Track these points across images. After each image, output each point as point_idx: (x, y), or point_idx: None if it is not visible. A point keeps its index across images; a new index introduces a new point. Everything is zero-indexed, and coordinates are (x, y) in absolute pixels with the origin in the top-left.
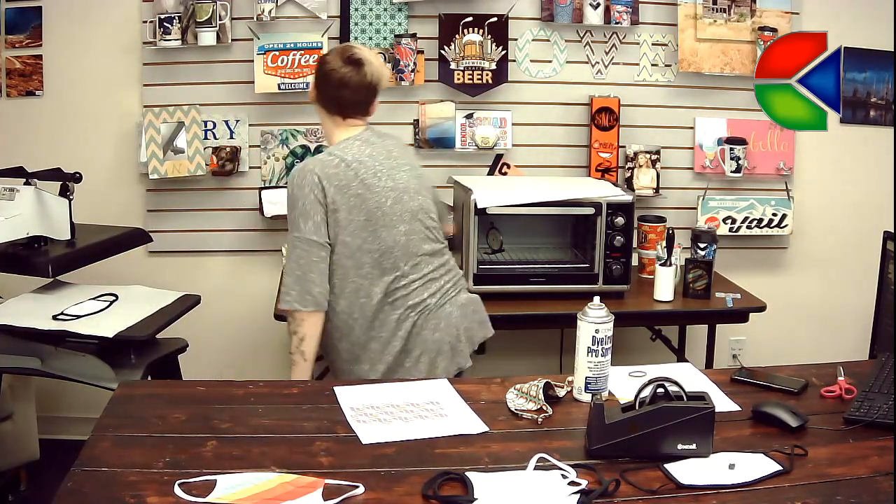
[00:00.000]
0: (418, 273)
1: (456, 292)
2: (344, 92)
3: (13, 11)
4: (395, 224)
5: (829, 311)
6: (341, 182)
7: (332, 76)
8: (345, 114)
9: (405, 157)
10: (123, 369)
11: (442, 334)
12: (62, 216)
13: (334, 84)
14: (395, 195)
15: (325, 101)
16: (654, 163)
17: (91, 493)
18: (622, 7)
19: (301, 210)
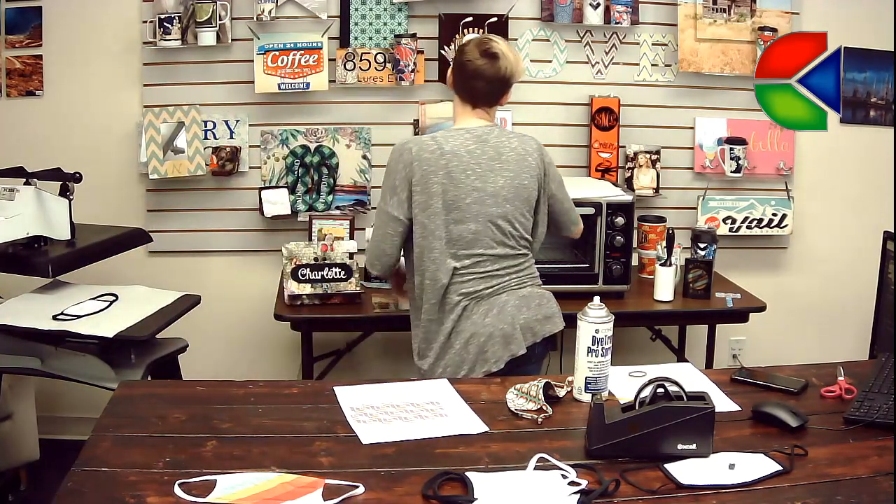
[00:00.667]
0: (479, 268)
1: (519, 286)
2: (478, 83)
3: (13, 11)
4: (466, 221)
5: (829, 311)
6: (430, 168)
7: (468, 66)
8: (475, 103)
9: (514, 164)
10: (123, 369)
11: (493, 320)
12: (62, 216)
13: (469, 74)
14: (477, 195)
15: (459, 88)
16: (654, 163)
17: (91, 493)
18: (622, 7)
19: (391, 184)
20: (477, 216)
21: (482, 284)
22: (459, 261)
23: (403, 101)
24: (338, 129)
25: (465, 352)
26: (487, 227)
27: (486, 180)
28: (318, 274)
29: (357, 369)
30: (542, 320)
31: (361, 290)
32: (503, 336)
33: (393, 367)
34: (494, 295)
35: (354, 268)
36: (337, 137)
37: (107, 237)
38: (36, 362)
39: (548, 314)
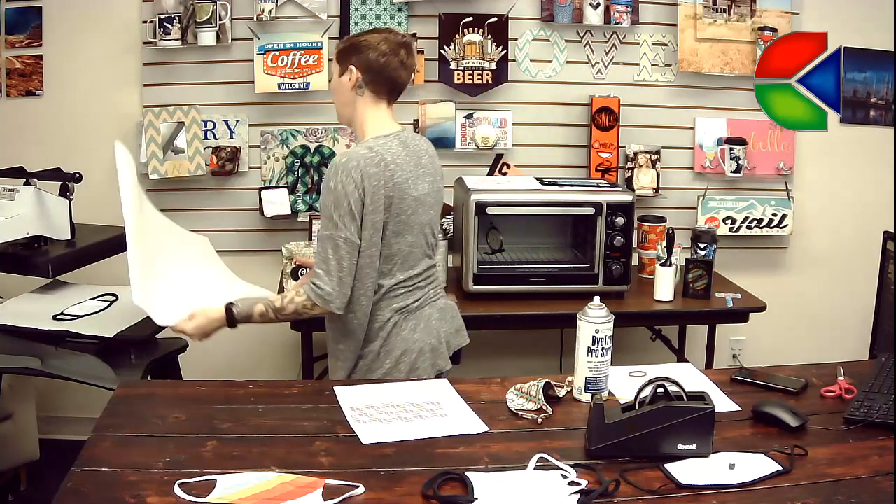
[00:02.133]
0: (410, 282)
1: (436, 297)
2: (403, 74)
3: (13, 11)
4: (404, 233)
5: (829, 311)
6: (378, 182)
7: (390, 60)
8: (391, 101)
9: (431, 167)
10: (123, 369)
11: (422, 335)
12: (62, 216)
13: (392, 68)
14: (414, 206)
15: (376, 83)
16: (654, 163)
17: (91, 493)
18: (622, 7)
19: (347, 210)
20: (413, 227)
21: (411, 298)
22: (394, 276)
23: (403, 101)
24: (338, 129)
25: (395, 370)
26: (420, 238)
27: (417, 188)
28: None
29: None
30: (455, 333)
31: None
32: (432, 350)
33: None
34: (420, 308)
35: None
36: (337, 137)
37: (107, 237)
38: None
39: (458, 326)
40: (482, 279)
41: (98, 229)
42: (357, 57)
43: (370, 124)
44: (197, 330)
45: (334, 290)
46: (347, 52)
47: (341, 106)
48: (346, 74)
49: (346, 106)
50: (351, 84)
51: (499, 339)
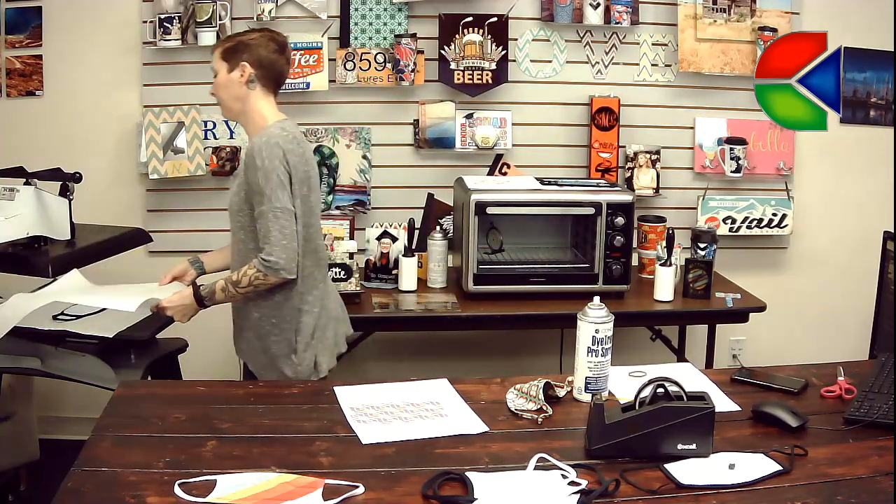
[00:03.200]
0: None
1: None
2: (287, 70)
3: (13, 11)
4: (318, 203)
5: (829, 311)
6: (296, 156)
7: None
8: (277, 93)
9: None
10: (123, 369)
11: (334, 303)
12: (62, 216)
13: (280, 63)
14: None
15: (266, 77)
16: (654, 163)
17: (91, 493)
18: (622, 7)
19: (277, 182)
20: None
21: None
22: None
23: (403, 101)
24: (338, 129)
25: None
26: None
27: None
28: None
29: (357, 369)
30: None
31: (361, 290)
32: (345, 318)
33: (393, 367)
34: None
35: (354, 268)
36: (337, 137)
37: (107, 237)
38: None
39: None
40: (482, 279)
41: (98, 229)
42: (248, 54)
43: (267, 113)
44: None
45: (280, 257)
46: (237, 50)
47: (231, 101)
48: (238, 70)
49: (236, 101)
50: (243, 79)
51: (499, 339)
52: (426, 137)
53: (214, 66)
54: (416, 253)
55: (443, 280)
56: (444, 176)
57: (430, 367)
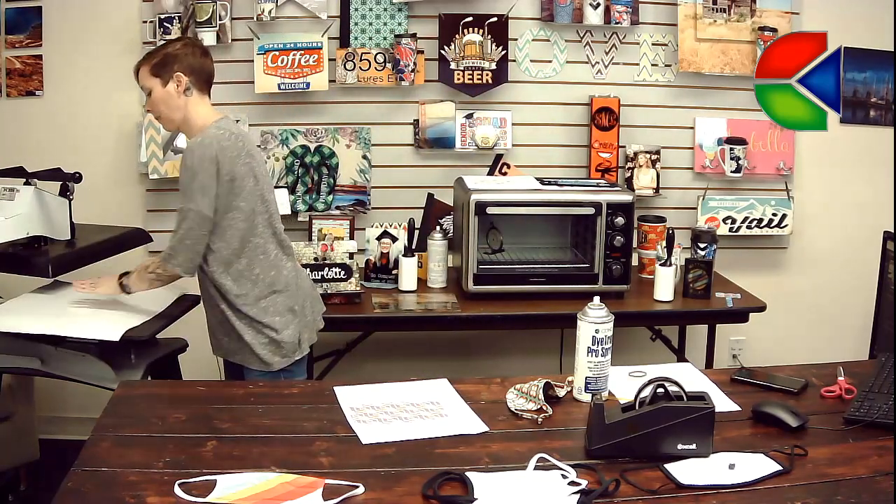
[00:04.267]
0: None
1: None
2: (213, 67)
3: (13, 11)
4: (271, 190)
5: (829, 311)
6: (233, 153)
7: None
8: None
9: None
10: (123, 369)
11: (306, 282)
12: (62, 216)
13: (208, 64)
14: (265, 167)
15: (200, 81)
16: (654, 163)
17: (91, 493)
18: (622, 7)
19: (199, 184)
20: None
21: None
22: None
23: (403, 101)
24: (338, 129)
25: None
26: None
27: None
28: (318, 274)
29: (357, 369)
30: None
31: (361, 290)
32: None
33: (393, 367)
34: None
35: (354, 268)
36: (337, 137)
37: (107, 237)
38: (36, 362)
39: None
40: (482, 279)
41: (98, 229)
42: (179, 64)
43: (204, 116)
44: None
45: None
46: (166, 63)
47: (172, 112)
48: (173, 83)
49: (177, 111)
50: (180, 89)
51: (499, 339)
52: (426, 137)
53: (146, 83)
54: (416, 253)
55: (443, 280)
56: (444, 176)
57: (430, 367)
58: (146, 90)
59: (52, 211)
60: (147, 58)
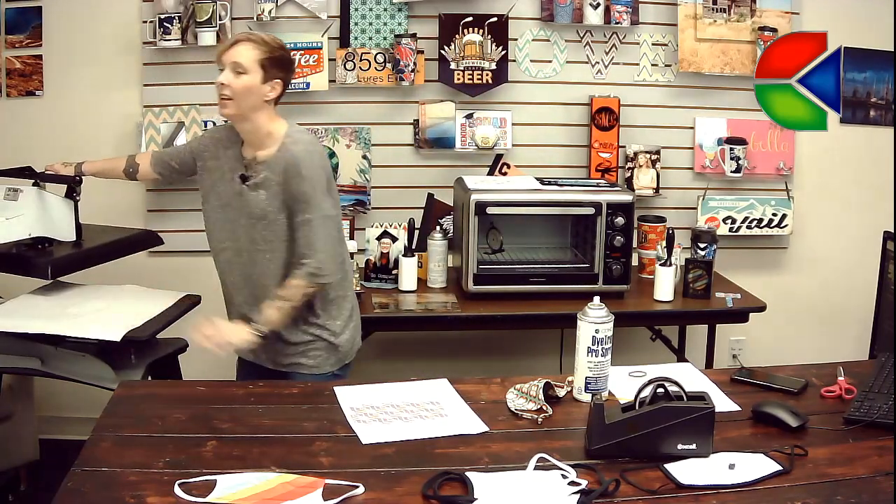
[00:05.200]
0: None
1: None
2: None
3: (13, 11)
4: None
5: (829, 311)
6: (325, 156)
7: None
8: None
9: None
10: (123, 369)
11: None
12: (67, 218)
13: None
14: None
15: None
16: (654, 163)
17: (91, 493)
18: (622, 7)
19: (322, 188)
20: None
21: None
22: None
23: (403, 101)
24: (338, 129)
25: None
26: None
27: None
28: None
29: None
30: None
31: (361, 291)
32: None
33: (393, 367)
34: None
35: (354, 268)
36: (337, 137)
37: (114, 239)
38: (36, 362)
39: None
40: (482, 279)
41: (105, 230)
42: (287, 74)
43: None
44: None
45: (326, 264)
46: (281, 65)
47: (246, 106)
48: (269, 85)
49: (250, 110)
50: (272, 96)
51: (499, 339)
52: (426, 137)
53: (246, 63)
54: (416, 253)
55: (443, 280)
56: (444, 176)
57: (430, 367)
58: (237, 67)
59: (56, 212)
60: (263, 43)
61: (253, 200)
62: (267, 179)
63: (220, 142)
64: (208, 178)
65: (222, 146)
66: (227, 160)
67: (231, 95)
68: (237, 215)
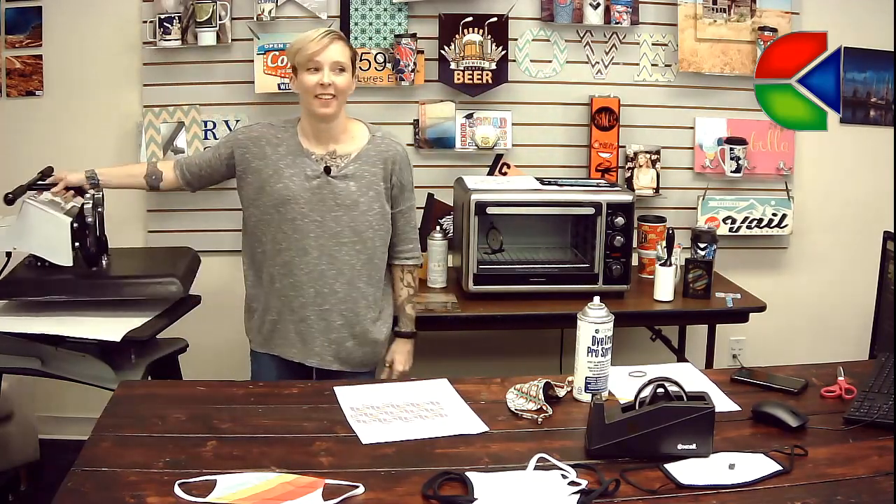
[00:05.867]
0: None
1: None
2: None
3: (13, 11)
4: None
5: (829, 311)
6: None
7: None
8: None
9: None
10: (123, 369)
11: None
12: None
13: None
14: None
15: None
16: (654, 163)
17: (91, 493)
18: (622, 7)
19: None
20: None
21: None
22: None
23: (403, 101)
24: None
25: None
26: None
27: None
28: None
29: None
30: None
31: None
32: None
33: None
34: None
35: None
36: None
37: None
38: (36, 362)
39: None
40: (482, 279)
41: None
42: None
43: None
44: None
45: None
46: (355, 62)
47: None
48: (354, 81)
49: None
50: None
51: (499, 339)
52: (426, 137)
53: (344, 61)
54: None
55: (443, 280)
56: (444, 176)
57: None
58: (338, 66)
59: (47, 230)
60: (348, 41)
61: (343, 191)
62: (359, 171)
63: (260, 140)
64: (256, 178)
65: (268, 144)
66: (282, 157)
67: (335, 93)
68: (309, 210)
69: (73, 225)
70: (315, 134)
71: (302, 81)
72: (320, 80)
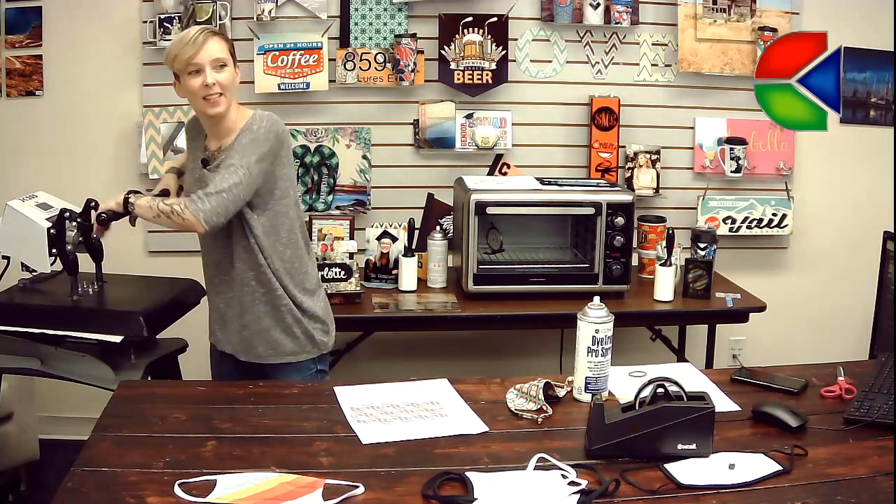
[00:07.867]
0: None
1: None
2: None
3: (13, 11)
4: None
5: (829, 311)
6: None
7: None
8: None
9: None
10: (123, 369)
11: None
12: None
13: None
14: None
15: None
16: (654, 163)
17: (91, 493)
18: (622, 7)
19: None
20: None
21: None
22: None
23: (403, 101)
24: (338, 129)
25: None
26: None
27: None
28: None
29: (357, 369)
30: None
31: (361, 291)
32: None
33: (393, 368)
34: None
35: (354, 268)
36: (337, 137)
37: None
38: (36, 362)
39: None
40: (482, 279)
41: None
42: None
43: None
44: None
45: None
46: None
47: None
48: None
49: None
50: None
51: (499, 339)
52: (426, 137)
53: (224, 56)
54: (416, 253)
55: (443, 280)
56: (444, 176)
57: (430, 367)
58: (218, 63)
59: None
60: (222, 34)
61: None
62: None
63: (191, 130)
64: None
65: (191, 140)
66: (192, 152)
67: (222, 91)
68: None
69: (51, 231)
70: (210, 130)
71: (186, 86)
72: (203, 81)
